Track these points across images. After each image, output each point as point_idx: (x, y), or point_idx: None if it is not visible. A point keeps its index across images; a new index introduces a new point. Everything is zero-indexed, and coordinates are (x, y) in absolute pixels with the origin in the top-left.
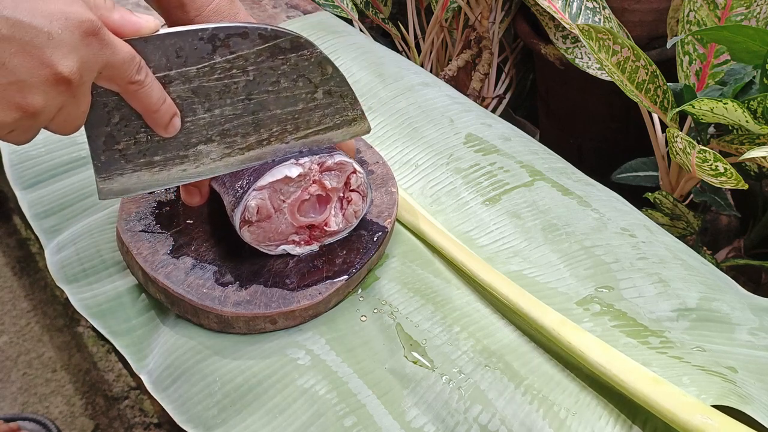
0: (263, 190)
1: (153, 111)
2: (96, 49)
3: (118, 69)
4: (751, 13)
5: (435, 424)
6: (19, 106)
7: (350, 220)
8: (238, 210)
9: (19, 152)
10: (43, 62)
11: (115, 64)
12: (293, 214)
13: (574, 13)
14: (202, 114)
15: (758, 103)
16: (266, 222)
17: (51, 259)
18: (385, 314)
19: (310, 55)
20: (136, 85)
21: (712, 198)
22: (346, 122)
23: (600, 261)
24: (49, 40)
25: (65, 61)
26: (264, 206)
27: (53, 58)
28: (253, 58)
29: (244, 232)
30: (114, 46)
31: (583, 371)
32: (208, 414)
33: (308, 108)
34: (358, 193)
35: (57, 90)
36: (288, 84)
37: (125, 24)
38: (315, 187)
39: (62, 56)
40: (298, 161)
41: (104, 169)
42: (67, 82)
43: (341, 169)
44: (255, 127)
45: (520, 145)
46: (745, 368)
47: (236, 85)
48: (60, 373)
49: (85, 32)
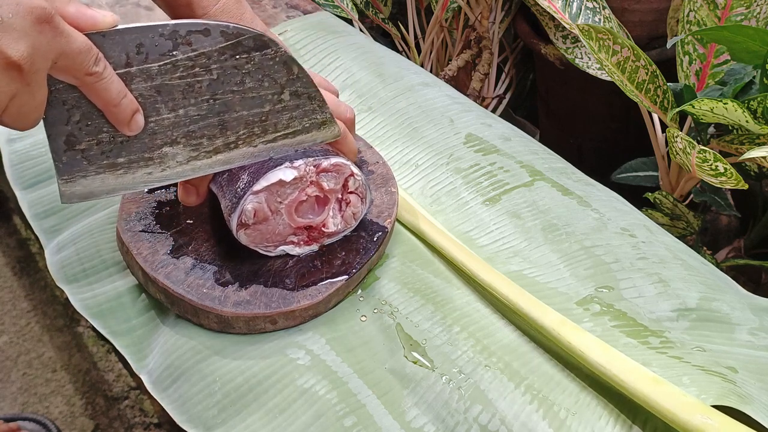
0: (260, 193)
1: (113, 105)
2: (49, 37)
3: (74, 59)
4: (751, 13)
5: (435, 424)
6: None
7: (349, 222)
8: (235, 214)
9: (19, 152)
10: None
11: (70, 54)
12: (291, 216)
13: (574, 13)
14: (166, 114)
15: (758, 103)
16: (263, 224)
17: (51, 259)
18: (385, 314)
19: (275, 54)
20: (93, 77)
21: (712, 198)
22: (315, 125)
23: (600, 261)
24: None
25: (15, 45)
26: (261, 209)
27: (2, 42)
28: (216, 56)
29: (240, 234)
30: (69, 35)
31: (583, 371)
32: (208, 414)
33: (275, 110)
34: (357, 195)
35: (8, 76)
36: (253, 84)
37: (81, 17)
38: (312, 188)
39: (12, 41)
40: (293, 164)
41: (66, 171)
42: (18, 68)
43: (338, 170)
44: (221, 129)
45: (520, 145)
46: (745, 368)
47: (200, 84)
48: (60, 373)
49: (37, 19)
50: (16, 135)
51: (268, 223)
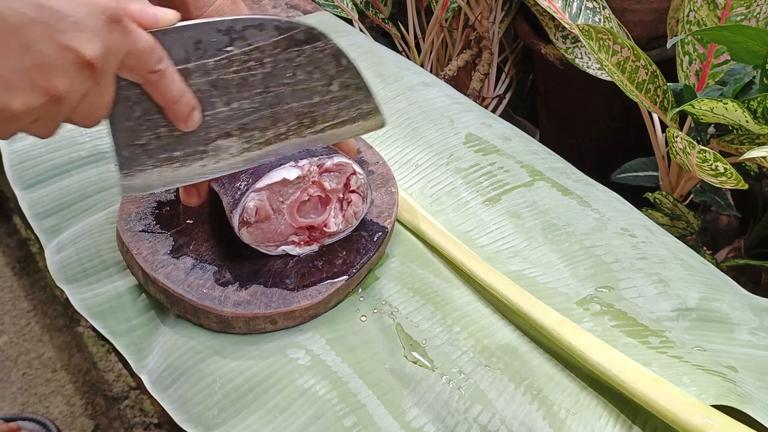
0: (262, 191)
1: (173, 102)
2: (119, 37)
3: (140, 58)
4: (751, 13)
5: (435, 424)
6: (44, 90)
7: (350, 221)
8: (237, 211)
9: (19, 152)
10: (68, 46)
11: (136, 53)
12: (292, 215)
13: (574, 13)
14: (221, 107)
15: (758, 103)
16: (265, 223)
17: (51, 259)
18: (385, 314)
19: (325, 47)
20: (156, 75)
21: (712, 198)
22: (362, 115)
23: (600, 261)
24: (74, 24)
25: (89, 45)
26: (263, 207)
27: (78, 42)
28: (269, 50)
29: (242, 233)
30: (136, 34)
31: (583, 371)
32: (208, 414)
33: (324, 101)
34: (358, 194)
35: (81, 74)
36: (304, 76)
37: (144, 15)
38: (314, 188)
39: (86, 40)
40: (297, 163)
41: (126, 165)
42: (91, 67)
43: (341, 170)
44: (273, 120)
45: (520, 145)
46: (745, 367)
47: (254, 77)
48: (60, 373)
49: (108, 19)
50: (16, 135)
51: (270, 222)
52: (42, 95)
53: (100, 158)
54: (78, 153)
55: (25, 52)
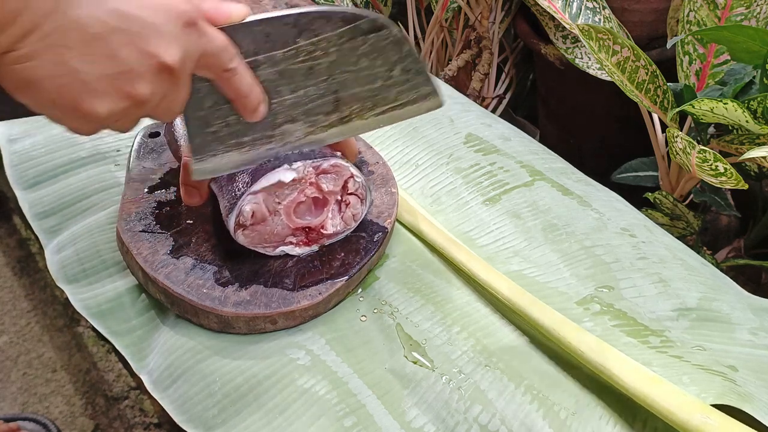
0: (258, 194)
1: (243, 97)
2: (195, 39)
3: (215, 57)
4: (751, 13)
5: (435, 424)
6: (128, 95)
7: (348, 223)
8: (233, 214)
9: (19, 153)
10: (150, 52)
11: (212, 53)
12: (289, 216)
13: (574, 13)
14: (288, 95)
15: (758, 103)
16: (261, 225)
17: (51, 259)
18: (385, 314)
19: (388, 36)
20: (230, 73)
21: (712, 198)
22: (422, 97)
23: (600, 261)
24: (154, 31)
25: (169, 51)
26: (259, 210)
27: (158, 48)
28: (335, 40)
29: (238, 235)
30: (210, 35)
31: (583, 371)
32: (208, 414)
33: (386, 85)
34: (357, 196)
35: (162, 78)
36: (367, 63)
37: (217, 13)
38: (311, 189)
39: (166, 46)
40: (292, 165)
41: (199, 150)
42: (171, 71)
43: (338, 172)
44: (336, 105)
45: (520, 145)
46: (745, 367)
47: (320, 66)
48: (60, 373)
49: (185, 23)
50: (16, 135)
51: (266, 224)
52: (126, 100)
53: (100, 158)
54: (78, 153)
55: (109, 59)
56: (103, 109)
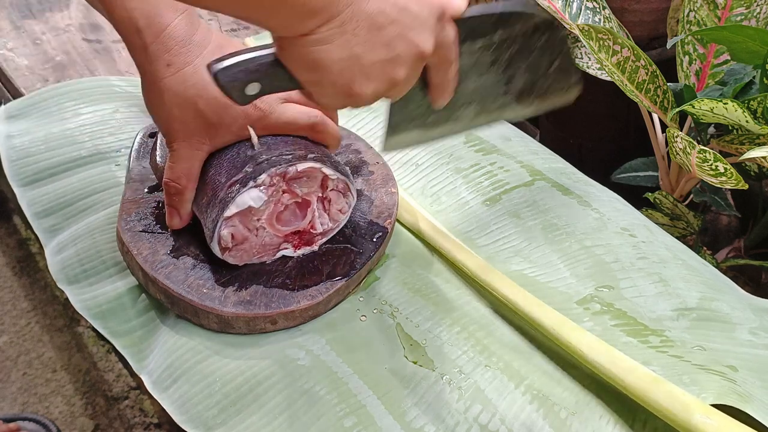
0: (233, 218)
1: (445, 86)
2: (441, 30)
3: (449, 48)
4: (751, 13)
5: (435, 424)
6: (391, 79)
7: (337, 219)
8: (214, 242)
9: (17, 149)
10: (414, 41)
11: (448, 44)
12: (273, 227)
13: (574, 13)
14: (471, 84)
15: (758, 103)
16: (245, 244)
17: (51, 260)
18: (385, 314)
19: (557, 34)
20: (449, 64)
21: (712, 198)
22: (565, 89)
23: (600, 260)
24: (421, 23)
25: (428, 41)
26: (238, 232)
27: (420, 38)
28: (520, 37)
29: (226, 257)
30: (449, 28)
31: (583, 371)
32: (208, 414)
33: (542, 76)
34: (337, 191)
35: (417, 66)
36: (536, 58)
37: (455, 7)
38: (287, 196)
39: (427, 37)
40: (257, 180)
41: (394, 128)
42: (424, 59)
43: (308, 175)
44: (504, 92)
45: (520, 145)
46: (745, 367)
47: (503, 58)
48: (60, 373)
49: (439, 16)
50: (14, 132)
51: (250, 241)
52: (387, 83)
53: (101, 158)
54: (78, 152)
55: (385, 47)
56: (369, 91)
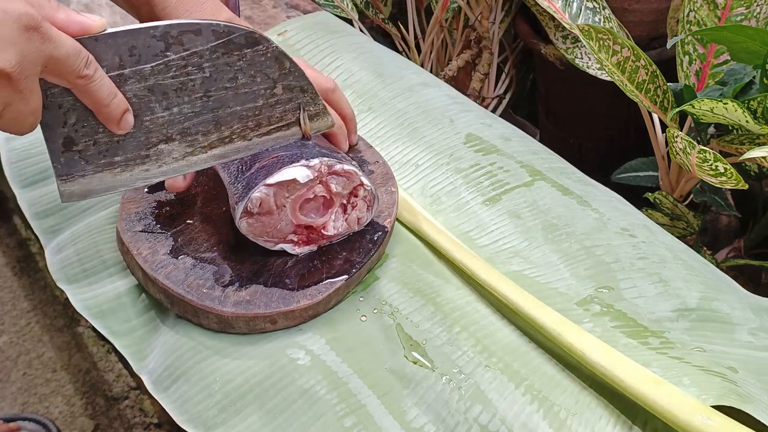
0: (271, 187)
1: (104, 106)
2: (37, 43)
3: (64, 63)
4: (751, 13)
5: (435, 424)
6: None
7: (352, 226)
8: (243, 202)
9: (17, 150)
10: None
11: (60, 58)
12: (294, 212)
13: (574, 13)
14: (161, 112)
15: (758, 103)
16: (266, 216)
17: (51, 260)
18: (385, 314)
19: (266, 51)
20: (84, 80)
21: (712, 198)
22: (309, 117)
23: (600, 261)
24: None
25: (3, 55)
26: (266, 201)
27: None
28: (207, 55)
29: (242, 222)
30: (57, 40)
31: (583, 371)
32: (208, 414)
33: (268, 104)
34: (365, 202)
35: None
36: (246, 80)
37: (70, 23)
38: (320, 188)
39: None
40: (309, 162)
41: (64, 171)
42: (7, 77)
43: (348, 177)
44: (216, 124)
45: (520, 145)
46: (745, 368)
47: (193, 82)
48: (60, 373)
49: (24, 26)
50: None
51: (272, 216)
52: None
53: None
54: None
55: None
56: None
